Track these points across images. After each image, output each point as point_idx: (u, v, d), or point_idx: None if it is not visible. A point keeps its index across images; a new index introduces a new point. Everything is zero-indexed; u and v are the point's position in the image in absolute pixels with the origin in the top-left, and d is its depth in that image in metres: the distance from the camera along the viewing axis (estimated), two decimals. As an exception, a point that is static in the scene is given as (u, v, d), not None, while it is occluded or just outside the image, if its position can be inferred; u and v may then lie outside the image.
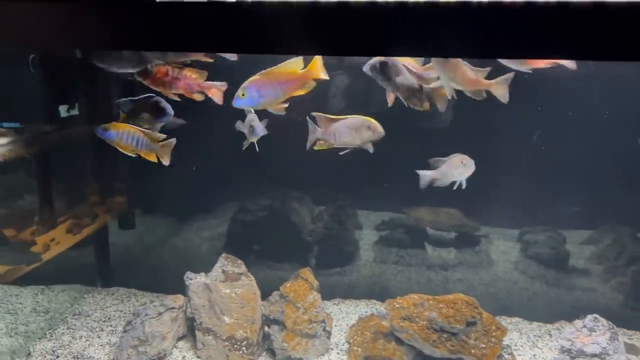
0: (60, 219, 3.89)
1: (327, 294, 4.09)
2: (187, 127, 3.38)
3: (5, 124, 3.60)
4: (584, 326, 3.02)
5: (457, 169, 2.88)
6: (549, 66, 2.20)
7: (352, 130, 2.55)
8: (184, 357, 3.28)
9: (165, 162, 2.60)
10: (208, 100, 2.50)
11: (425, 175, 2.86)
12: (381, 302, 3.97)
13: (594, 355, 2.93)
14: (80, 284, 4.00)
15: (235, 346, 3.20)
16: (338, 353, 3.34)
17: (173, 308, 3.33)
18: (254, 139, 2.77)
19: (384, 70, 2.34)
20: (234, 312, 3.26)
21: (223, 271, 3.39)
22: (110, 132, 2.54)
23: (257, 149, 2.84)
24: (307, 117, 2.61)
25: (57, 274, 3.95)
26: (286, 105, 2.57)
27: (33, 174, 3.80)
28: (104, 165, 4.05)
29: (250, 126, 2.69)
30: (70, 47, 3.11)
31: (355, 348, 3.26)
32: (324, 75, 2.30)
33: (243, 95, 2.29)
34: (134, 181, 4.22)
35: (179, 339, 3.43)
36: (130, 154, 2.57)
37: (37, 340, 3.35)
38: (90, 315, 3.62)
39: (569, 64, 2.26)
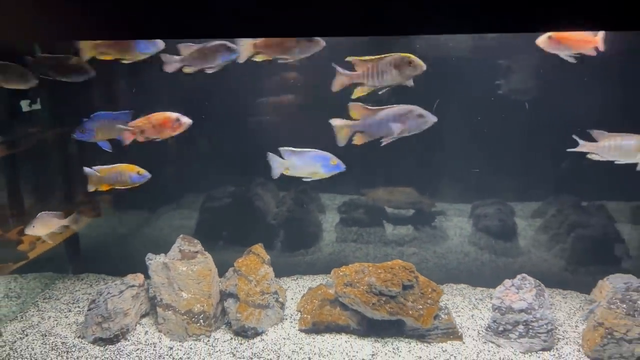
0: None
1: (288, 271, 4.32)
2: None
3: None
4: (512, 285, 3.26)
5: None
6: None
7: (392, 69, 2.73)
8: (146, 332, 3.50)
9: None
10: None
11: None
12: (336, 276, 4.19)
13: (521, 311, 3.16)
14: (52, 272, 4.21)
15: (194, 319, 3.42)
16: (291, 322, 3.56)
17: (133, 286, 3.55)
18: None
19: None
20: (191, 288, 3.49)
21: (180, 250, 3.61)
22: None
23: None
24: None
25: (30, 263, 4.14)
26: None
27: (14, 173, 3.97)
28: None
29: None
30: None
31: (305, 315, 3.49)
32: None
33: None
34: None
35: (143, 316, 3.65)
36: None
37: (9, 322, 3.57)
38: (59, 299, 3.84)
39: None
